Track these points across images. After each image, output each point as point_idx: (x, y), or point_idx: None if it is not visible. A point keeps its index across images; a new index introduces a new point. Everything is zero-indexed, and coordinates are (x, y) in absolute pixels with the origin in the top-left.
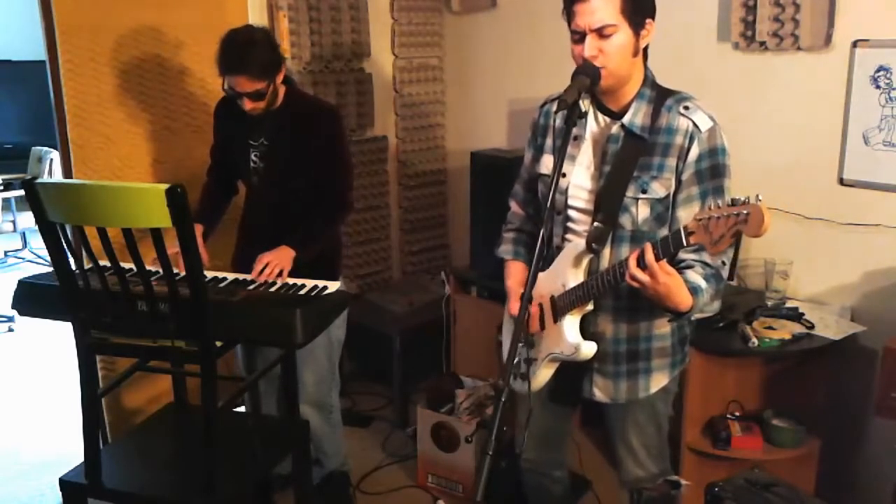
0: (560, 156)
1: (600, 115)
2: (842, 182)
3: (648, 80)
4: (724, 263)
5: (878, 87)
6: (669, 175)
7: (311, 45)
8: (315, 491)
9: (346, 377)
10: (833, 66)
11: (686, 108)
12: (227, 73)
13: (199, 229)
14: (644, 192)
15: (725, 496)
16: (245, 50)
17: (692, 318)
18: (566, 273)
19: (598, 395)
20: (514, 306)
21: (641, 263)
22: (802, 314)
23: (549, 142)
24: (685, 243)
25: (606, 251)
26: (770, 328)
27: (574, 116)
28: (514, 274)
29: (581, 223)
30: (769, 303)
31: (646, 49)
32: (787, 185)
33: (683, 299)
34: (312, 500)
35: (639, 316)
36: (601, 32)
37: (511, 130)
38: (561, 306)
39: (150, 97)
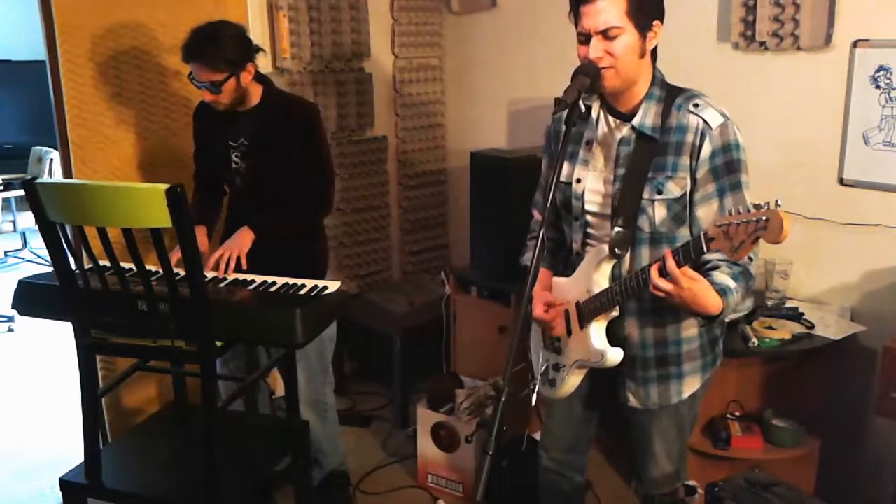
0: (561, 157)
1: (610, 118)
2: (842, 182)
3: (658, 80)
4: (751, 259)
5: (878, 87)
6: (684, 174)
7: (311, 45)
8: (315, 491)
9: (347, 377)
10: (833, 66)
11: (696, 105)
12: (185, 59)
13: (203, 230)
14: (660, 192)
15: (725, 496)
16: (206, 40)
17: (725, 320)
18: (590, 279)
19: (633, 400)
20: (538, 309)
21: (663, 272)
22: (802, 314)
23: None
24: (706, 249)
25: (627, 255)
26: (770, 328)
27: (574, 116)
28: (541, 280)
29: (599, 228)
30: (769, 303)
31: (654, 50)
32: (787, 185)
33: (712, 303)
34: (312, 500)
35: (665, 319)
36: (607, 34)
37: (511, 130)
38: (586, 312)
39: (149, 97)
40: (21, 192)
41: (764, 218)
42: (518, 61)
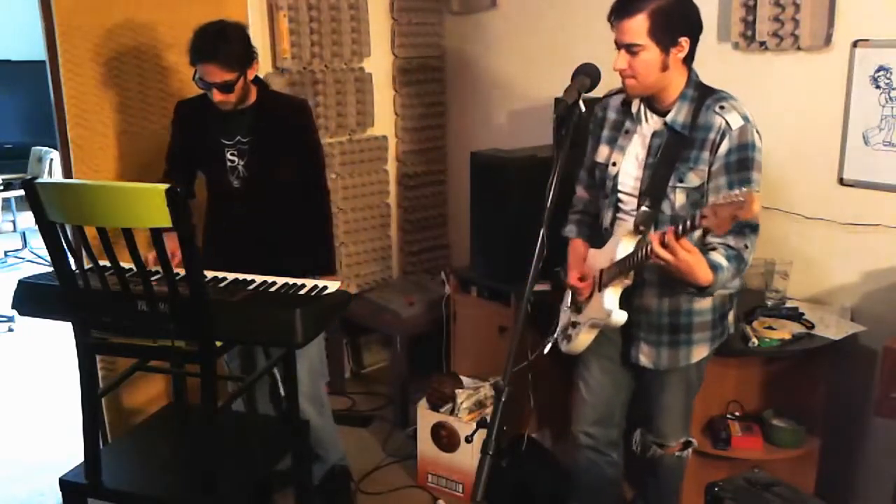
0: (562, 154)
1: (649, 113)
2: (842, 182)
3: (692, 83)
4: (746, 247)
5: (878, 87)
6: (703, 167)
7: (311, 45)
8: (316, 489)
9: (347, 377)
10: (833, 66)
11: (721, 107)
12: (197, 61)
13: (174, 237)
14: (681, 181)
15: (725, 496)
16: (216, 39)
17: (714, 294)
18: (615, 250)
19: (643, 360)
20: (572, 276)
21: (664, 244)
22: (802, 314)
23: (605, 133)
24: (698, 224)
25: (651, 232)
26: (770, 328)
27: (573, 116)
28: (575, 249)
29: (628, 207)
30: (769, 303)
31: (691, 56)
32: (787, 185)
33: (703, 276)
34: (313, 498)
35: (680, 292)
36: (630, 49)
37: (511, 130)
38: (605, 279)
39: (149, 97)
40: (21, 192)
41: (741, 199)
42: (518, 61)
